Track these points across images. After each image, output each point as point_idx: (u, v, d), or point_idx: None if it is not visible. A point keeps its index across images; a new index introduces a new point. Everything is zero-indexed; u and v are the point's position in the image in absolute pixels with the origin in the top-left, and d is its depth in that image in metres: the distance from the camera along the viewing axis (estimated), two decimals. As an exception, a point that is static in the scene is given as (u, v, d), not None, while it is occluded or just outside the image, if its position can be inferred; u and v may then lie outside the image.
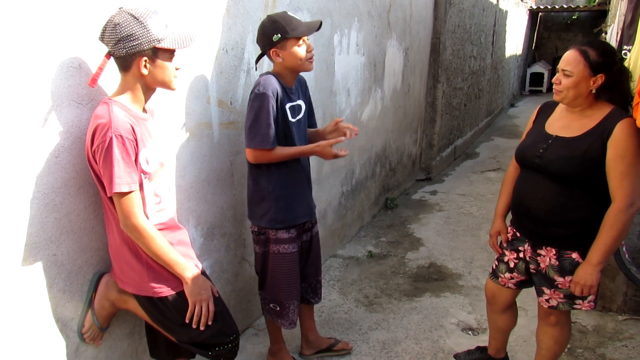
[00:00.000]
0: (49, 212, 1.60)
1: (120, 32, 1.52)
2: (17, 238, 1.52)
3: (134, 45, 1.53)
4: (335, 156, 2.18)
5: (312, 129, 2.40)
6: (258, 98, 2.07)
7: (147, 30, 1.55)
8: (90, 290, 1.76)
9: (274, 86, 2.09)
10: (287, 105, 2.16)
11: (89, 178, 1.67)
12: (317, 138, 2.34)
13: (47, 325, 1.65)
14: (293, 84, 2.21)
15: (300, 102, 2.26)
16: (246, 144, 2.13)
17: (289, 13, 2.11)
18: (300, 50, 2.09)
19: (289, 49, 2.08)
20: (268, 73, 2.15)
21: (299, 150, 2.18)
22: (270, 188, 2.20)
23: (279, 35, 2.05)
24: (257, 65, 2.31)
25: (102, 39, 1.56)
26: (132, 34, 1.52)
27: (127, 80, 1.62)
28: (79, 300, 1.75)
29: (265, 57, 2.32)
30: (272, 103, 2.07)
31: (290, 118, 2.18)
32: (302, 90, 2.32)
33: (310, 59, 2.14)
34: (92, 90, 1.68)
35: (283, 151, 2.14)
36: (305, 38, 2.11)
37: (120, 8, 1.57)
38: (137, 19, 1.53)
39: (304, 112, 2.29)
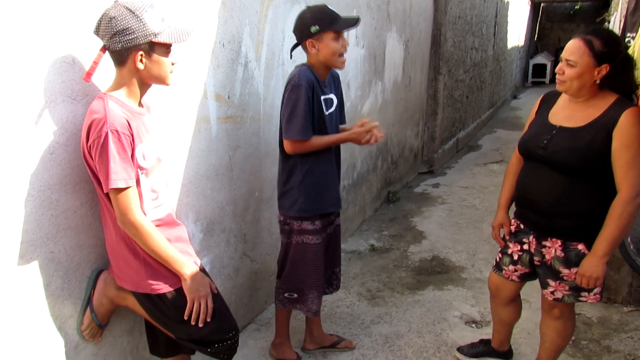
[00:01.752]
0: (45, 210, 1.58)
1: (116, 25, 1.49)
2: (13, 236, 1.50)
3: (130, 39, 1.51)
4: (370, 141, 2.22)
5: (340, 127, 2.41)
6: (295, 90, 2.09)
7: (144, 24, 1.52)
8: (88, 288, 1.75)
9: (309, 77, 2.11)
10: (322, 98, 2.18)
11: (85, 175, 1.64)
12: None
13: (45, 323, 1.64)
14: (326, 77, 2.24)
15: (332, 95, 2.28)
16: (284, 136, 2.16)
17: (328, 6, 2.13)
18: (336, 44, 2.11)
19: (326, 42, 2.10)
20: (303, 65, 2.18)
21: (335, 138, 2.23)
22: (301, 177, 2.22)
23: (318, 27, 2.07)
24: (292, 54, 2.31)
25: (97, 32, 1.53)
26: (128, 28, 1.49)
27: (123, 74, 1.59)
28: (77, 297, 1.73)
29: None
30: (309, 94, 2.10)
31: (325, 110, 2.20)
32: (335, 84, 2.34)
33: (342, 55, 2.15)
34: (87, 85, 1.65)
35: (319, 140, 2.18)
36: (342, 33, 2.13)
37: (115, 1, 1.53)
38: (133, 13, 1.50)
39: (336, 106, 2.31)
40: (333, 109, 2.28)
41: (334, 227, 2.45)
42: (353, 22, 2.15)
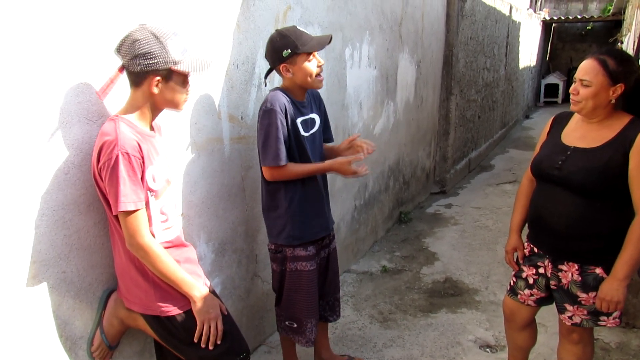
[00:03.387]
0: (59, 229, 1.58)
1: (139, 48, 1.51)
2: (26, 255, 1.50)
3: (150, 63, 1.53)
4: (354, 173, 2.13)
5: (327, 145, 2.37)
6: (266, 115, 2.05)
7: (166, 51, 1.54)
8: (99, 308, 1.74)
9: (281, 101, 2.06)
10: (299, 120, 2.13)
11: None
12: (332, 155, 2.31)
13: (55, 344, 1.63)
14: (304, 97, 2.19)
15: (314, 115, 2.23)
16: (262, 163, 2.11)
17: (298, 27, 2.09)
18: (310, 65, 2.07)
19: (299, 65, 2.06)
20: (277, 89, 2.14)
21: (316, 167, 2.15)
22: (287, 204, 2.16)
23: (289, 50, 2.03)
24: (267, 81, 2.29)
25: (118, 51, 1.55)
26: (150, 52, 1.52)
27: (136, 97, 1.61)
28: (88, 318, 1.72)
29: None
30: (281, 118, 2.04)
31: (302, 132, 2.15)
32: (316, 103, 2.29)
33: (319, 74, 2.11)
34: (103, 106, 1.67)
35: (299, 168, 2.11)
36: (315, 53, 2.09)
37: (141, 25, 1.57)
38: (158, 39, 1.53)
39: (319, 126, 2.26)
40: (315, 129, 2.23)
41: (330, 251, 2.39)
42: (326, 41, 2.09)
